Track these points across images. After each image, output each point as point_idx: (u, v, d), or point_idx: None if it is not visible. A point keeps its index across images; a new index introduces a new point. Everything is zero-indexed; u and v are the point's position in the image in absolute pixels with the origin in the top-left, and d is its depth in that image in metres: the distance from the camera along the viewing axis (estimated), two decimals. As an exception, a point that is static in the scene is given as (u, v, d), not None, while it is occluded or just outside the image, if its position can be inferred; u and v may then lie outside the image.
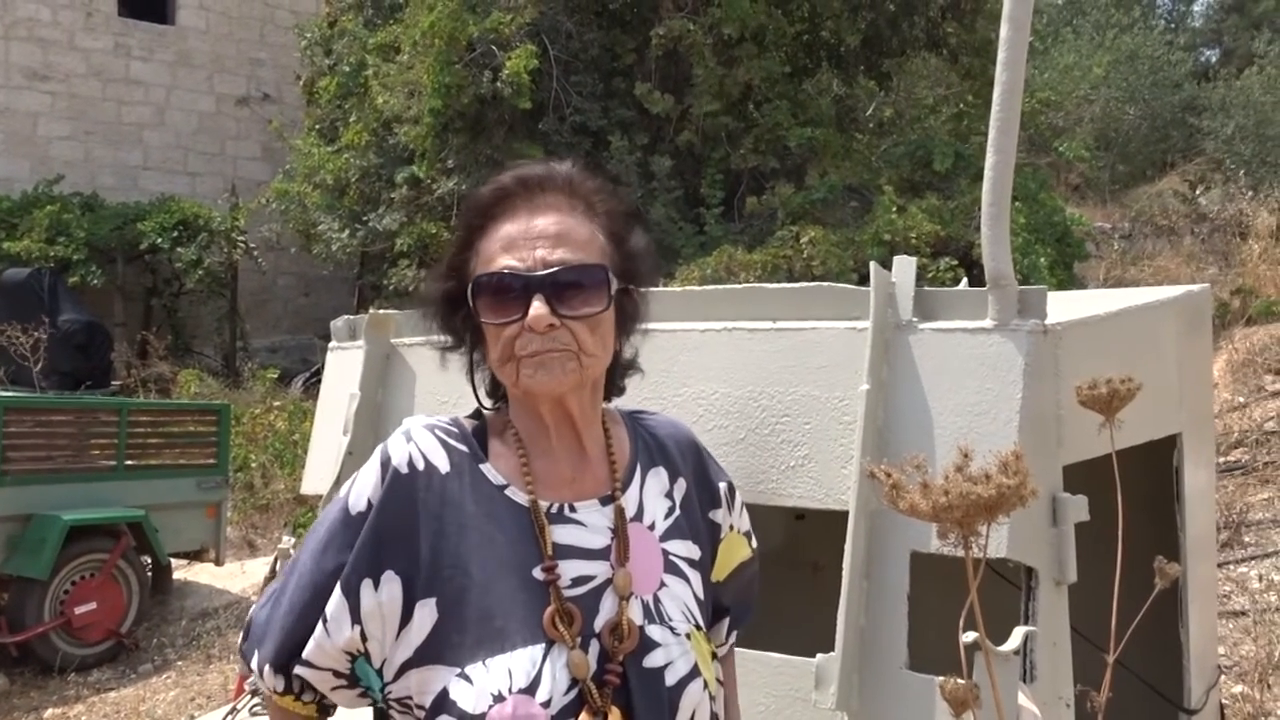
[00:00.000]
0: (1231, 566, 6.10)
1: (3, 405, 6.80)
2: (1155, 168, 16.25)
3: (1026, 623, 1.80)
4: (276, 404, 11.49)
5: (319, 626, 1.28)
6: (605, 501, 1.35)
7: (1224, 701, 3.26)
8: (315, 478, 2.71)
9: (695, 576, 1.39)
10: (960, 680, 1.40)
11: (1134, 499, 1.53)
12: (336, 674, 1.31)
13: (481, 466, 1.33)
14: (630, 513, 1.36)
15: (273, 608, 1.34)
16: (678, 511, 1.41)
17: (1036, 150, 13.16)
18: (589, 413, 1.36)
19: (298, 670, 1.31)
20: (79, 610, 6.89)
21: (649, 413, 1.52)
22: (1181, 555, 2.45)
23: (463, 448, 1.34)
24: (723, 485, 1.48)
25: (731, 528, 1.49)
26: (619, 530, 1.33)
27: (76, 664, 6.87)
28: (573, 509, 1.32)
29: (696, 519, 1.43)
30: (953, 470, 1.27)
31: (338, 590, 1.27)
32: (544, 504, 1.31)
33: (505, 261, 1.28)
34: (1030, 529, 1.78)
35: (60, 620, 6.82)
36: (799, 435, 1.97)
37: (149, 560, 7.48)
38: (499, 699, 1.19)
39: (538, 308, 1.25)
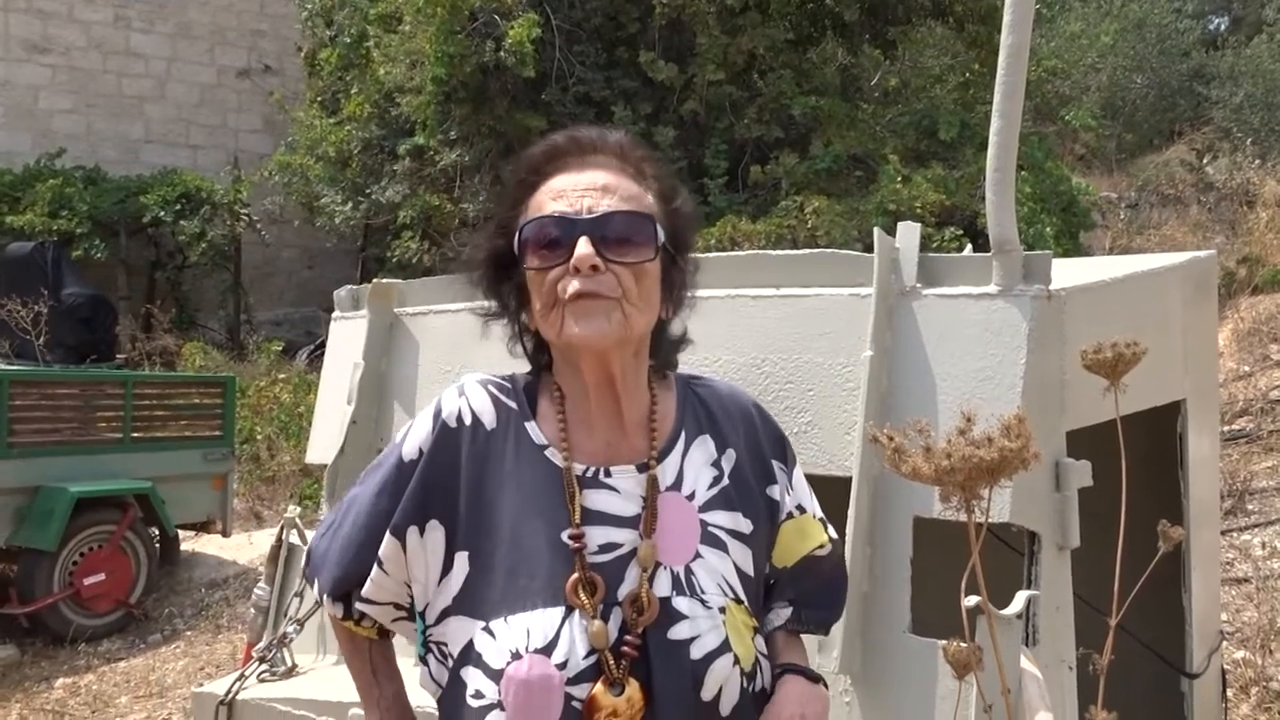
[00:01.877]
0: (1235, 534, 6.12)
1: (8, 379, 6.83)
2: (1162, 137, 16.14)
3: (1029, 587, 1.80)
4: (281, 376, 11.51)
5: (375, 568, 1.33)
6: (642, 468, 1.32)
7: (1226, 666, 3.27)
8: (320, 447, 2.72)
9: (742, 550, 1.33)
10: (963, 644, 1.41)
11: (1138, 465, 1.53)
12: (397, 606, 1.37)
13: (527, 424, 1.33)
14: (668, 481, 1.33)
15: (330, 539, 1.40)
16: (725, 482, 1.36)
17: (1043, 119, 13.07)
18: (630, 376, 1.33)
19: (358, 606, 1.38)
20: (88, 581, 6.95)
21: (706, 378, 1.47)
22: (1185, 521, 2.46)
23: (512, 404, 1.35)
24: (776, 462, 1.42)
25: (800, 510, 1.42)
26: (649, 500, 1.30)
27: (87, 634, 6.93)
28: (608, 473, 1.31)
29: (751, 492, 1.37)
30: (955, 434, 1.27)
31: (388, 535, 1.31)
32: (579, 467, 1.30)
33: (552, 208, 1.29)
34: (1033, 494, 1.78)
35: (69, 591, 6.88)
36: (803, 402, 1.97)
37: (157, 532, 7.53)
38: (516, 656, 1.20)
39: (583, 246, 1.24)
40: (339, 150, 12.35)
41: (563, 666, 1.20)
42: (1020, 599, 1.76)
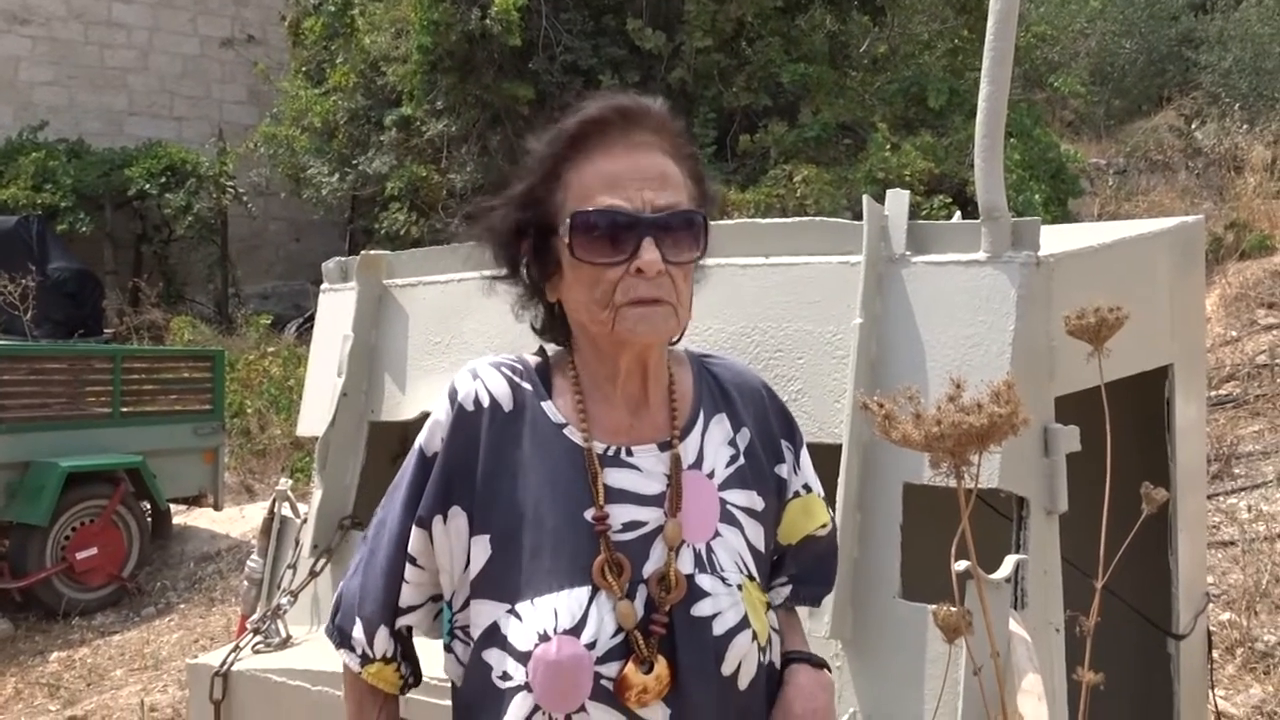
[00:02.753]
0: (1222, 498, 6.17)
1: (-4, 353, 6.80)
2: (1151, 102, 16.09)
3: (1017, 551, 1.82)
4: (270, 350, 11.48)
5: (408, 567, 1.32)
6: (664, 447, 1.32)
7: (1211, 628, 3.31)
8: (310, 419, 2.72)
9: (755, 527, 1.34)
10: (952, 608, 1.43)
11: (1125, 430, 1.54)
12: (434, 600, 1.35)
13: (544, 404, 1.32)
14: (689, 460, 1.32)
15: (364, 574, 1.36)
16: (741, 460, 1.36)
17: (1032, 85, 13.02)
18: (661, 361, 1.34)
19: (402, 621, 1.34)
20: (80, 555, 6.96)
21: (717, 356, 1.47)
22: (1171, 485, 2.48)
23: (526, 385, 1.33)
24: (784, 441, 1.42)
25: (807, 489, 1.43)
26: (674, 479, 1.29)
27: (80, 608, 6.96)
28: (629, 453, 1.30)
29: (763, 469, 1.38)
30: (945, 400, 1.28)
31: (415, 528, 1.30)
32: (600, 446, 1.29)
33: (609, 200, 1.24)
34: (1022, 459, 1.79)
35: (62, 565, 6.89)
36: (793, 370, 1.98)
37: (148, 506, 7.53)
38: (544, 638, 1.20)
39: (651, 250, 1.22)
40: (325, 121, 12.25)
41: (591, 646, 1.20)
42: (1009, 563, 1.77)
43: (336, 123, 12.22)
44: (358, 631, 1.35)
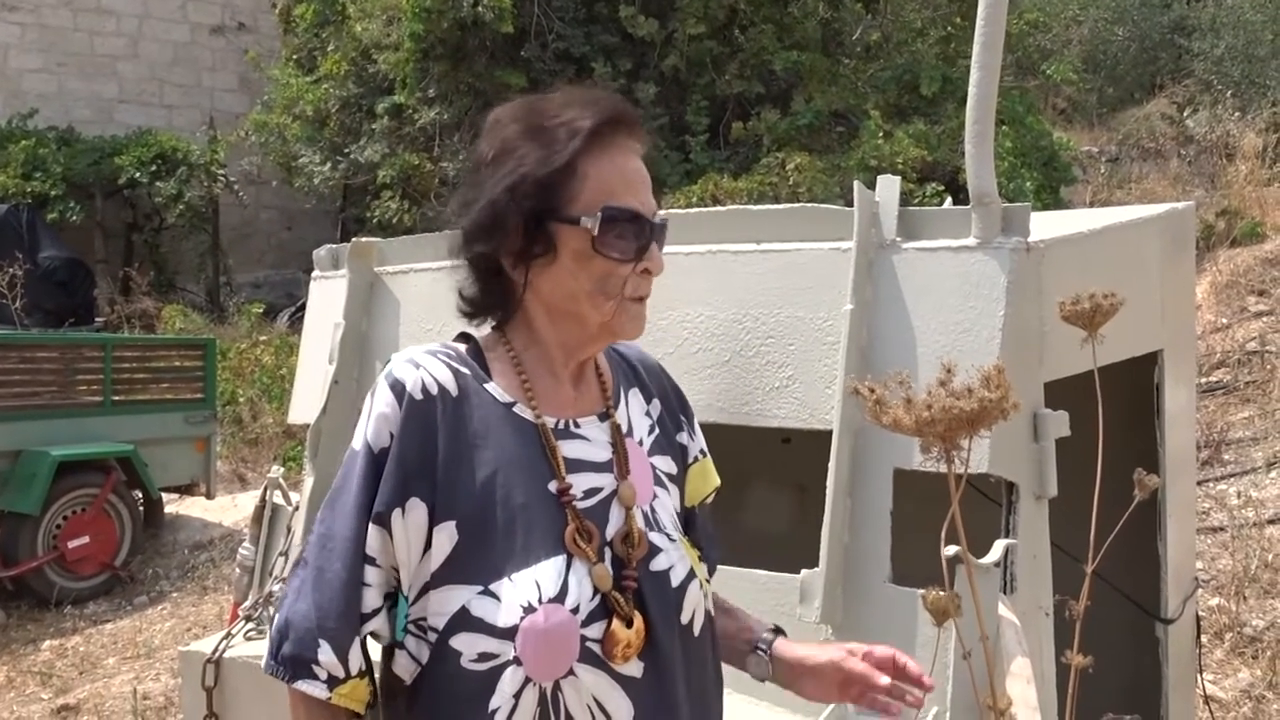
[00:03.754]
0: (1212, 484, 6.20)
1: (-14, 342, 6.78)
2: (1143, 90, 16.08)
3: (1007, 536, 1.83)
4: (262, 339, 11.46)
5: (367, 569, 1.27)
6: (602, 418, 1.40)
7: (1200, 613, 3.33)
8: (302, 407, 2.72)
9: (675, 490, 1.45)
10: (941, 592, 1.43)
11: (1115, 415, 1.55)
12: (389, 598, 1.30)
13: (486, 386, 1.34)
14: (624, 429, 1.41)
15: (318, 591, 1.27)
16: (656, 430, 1.46)
17: (1024, 73, 13.01)
18: None
19: (367, 628, 1.28)
20: (72, 544, 6.95)
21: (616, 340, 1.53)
22: (1161, 471, 2.49)
23: (465, 370, 1.35)
24: (681, 415, 1.52)
25: (703, 453, 1.53)
26: (617, 444, 1.38)
27: (72, 597, 6.96)
28: (576, 424, 1.36)
29: (671, 437, 1.48)
30: (936, 385, 1.28)
31: (372, 527, 1.27)
32: (550, 420, 1.34)
33: (629, 198, 1.32)
34: (1011, 444, 1.80)
35: (54, 554, 6.88)
36: (784, 356, 1.98)
37: (140, 494, 7.52)
38: (530, 610, 1.22)
39: (658, 253, 1.35)
40: (316, 109, 12.20)
41: (575, 611, 1.24)
42: (998, 548, 1.78)
43: (328, 111, 12.17)
44: (324, 654, 1.26)
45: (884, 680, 1.40)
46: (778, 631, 1.51)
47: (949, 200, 7.74)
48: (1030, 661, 1.67)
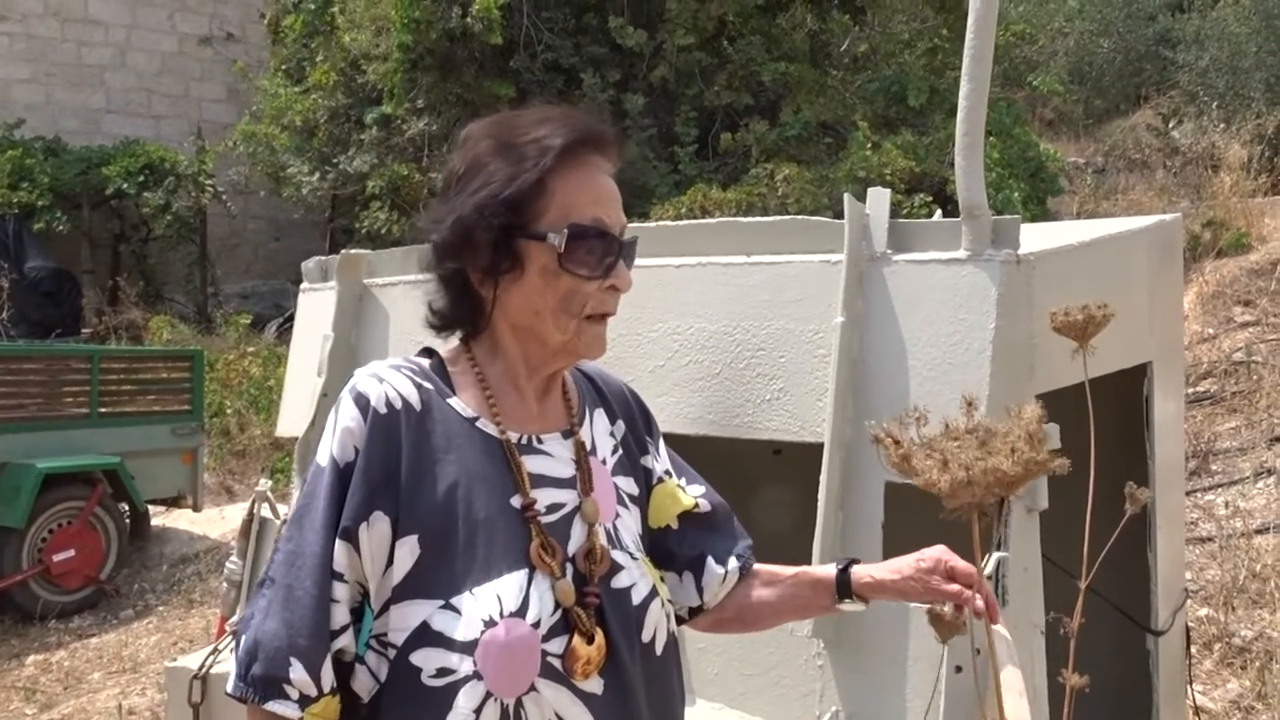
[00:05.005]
0: (1200, 494, 6.22)
1: (-29, 354, 6.73)
2: (1129, 101, 16.19)
3: (998, 549, 1.82)
4: (250, 350, 11.41)
5: (335, 584, 1.26)
6: (566, 435, 1.40)
7: (1190, 624, 3.34)
8: (290, 419, 2.71)
9: (636, 511, 1.45)
10: (944, 607, 1.43)
11: (1104, 427, 1.55)
12: (354, 612, 1.29)
13: (450, 401, 1.34)
14: (586, 446, 1.41)
15: (287, 609, 1.25)
16: (620, 451, 1.47)
17: (1011, 84, 13.08)
18: None
19: (337, 644, 1.26)
20: (58, 558, 6.90)
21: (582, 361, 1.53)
22: (1150, 482, 2.49)
23: (428, 384, 1.35)
24: (647, 437, 1.53)
25: (669, 474, 1.52)
26: (581, 461, 1.38)
27: (57, 611, 6.90)
28: (540, 440, 1.37)
29: (635, 459, 1.49)
30: (963, 433, 1.21)
31: (339, 542, 1.26)
32: (513, 435, 1.35)
33: (597, 214, 1.32)
34: (1003, 457, 1.79)
35: (39, 568, 6.83)
36: (774, 369, 1.98)
37: (127, 507, 7.47)
38: (491, 623, 1.22)
39: (625, 271, 1.35)
40: (305, 119, 12.18)
41: (536, 626, 1.24)
42: (990, 561, 1.78)
43: (317, 121, 12.16)
44: (296, 673, 1.23)
45: (954, 587, 1.41)
46: (845, 569, 1.47)
47: (937, 211, 7.77)
48: (1020, 672, 1.66)
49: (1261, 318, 8.66)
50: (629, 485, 1.45)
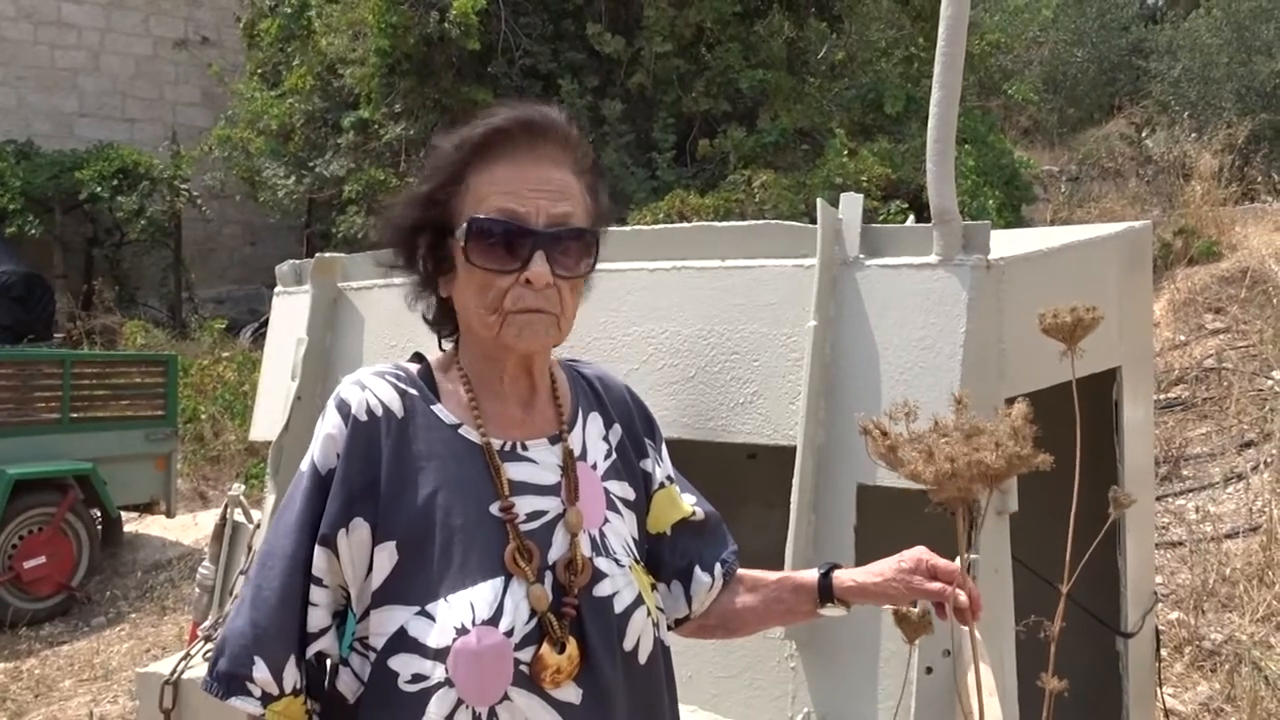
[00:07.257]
0: (1171, 499, 6.28)
1: (-60, 358, 6.65)
2: (1103, 110, 16.36)
3: (968, 551, 1.84)
4: (225, 355, 11.34)
5: (313, 589, 1.27)
6: (554, 441, 1.38)
7: (1160, 627, 3.37)
8: (264, 424, 2.69)
9: (631, 517, 1.43)
10: (912, 608, 1.44)
11: (1074, 430, 1.56)
12: (337, 615, 1.31)
13: (433, 408, 1.34)
14: (575, 452, 1.39)
15: (254, 609, 1.27)
16: (614, 455, 1.45)
17: (986, 93, 13.20)
18: (545, 363, 1.41)
19: (315, 647, 1.28)
20: (28, 565, 6.82)
21: (584, 362, 1.55)
22: (1121, 486, 2.52)
23: (413, 391, 1.35)
24: (648, 440, 1.51)
25: (670, 480, 1.51)
26: (568, 469, 1.36)
27: (28, 618, 6.82)
28: (524, 447, 1.35)
29: (632, 464, 1.47)
30: (949, 428, 1.24)
31: (319, 548, 1.27)
32: (496, 442, 1.33)
33: (505, 205, 1.28)
34: (973, 460, 1.81)
35: (9, 575, 6.75)
36: (748, 372, 1.99)
37: (99, 513, 7.40)
38: (462, 631, 1.22)
39: (541, 264, 1.27)
40: (281, 124, 12.12)
41: (509, 634, 1.23)
42: (960, 563, 1.79)
43: (293, 125, 12.10)
44: (259, 671, 1.25)
45: (936, 586, 1.40)
46: (826, 574, 1.46)
47: (912, 218, 7.81)
48: (992, 674, 1.67)
49: (1232, 325, 8.76)
50: (622, 490, 1.43)
